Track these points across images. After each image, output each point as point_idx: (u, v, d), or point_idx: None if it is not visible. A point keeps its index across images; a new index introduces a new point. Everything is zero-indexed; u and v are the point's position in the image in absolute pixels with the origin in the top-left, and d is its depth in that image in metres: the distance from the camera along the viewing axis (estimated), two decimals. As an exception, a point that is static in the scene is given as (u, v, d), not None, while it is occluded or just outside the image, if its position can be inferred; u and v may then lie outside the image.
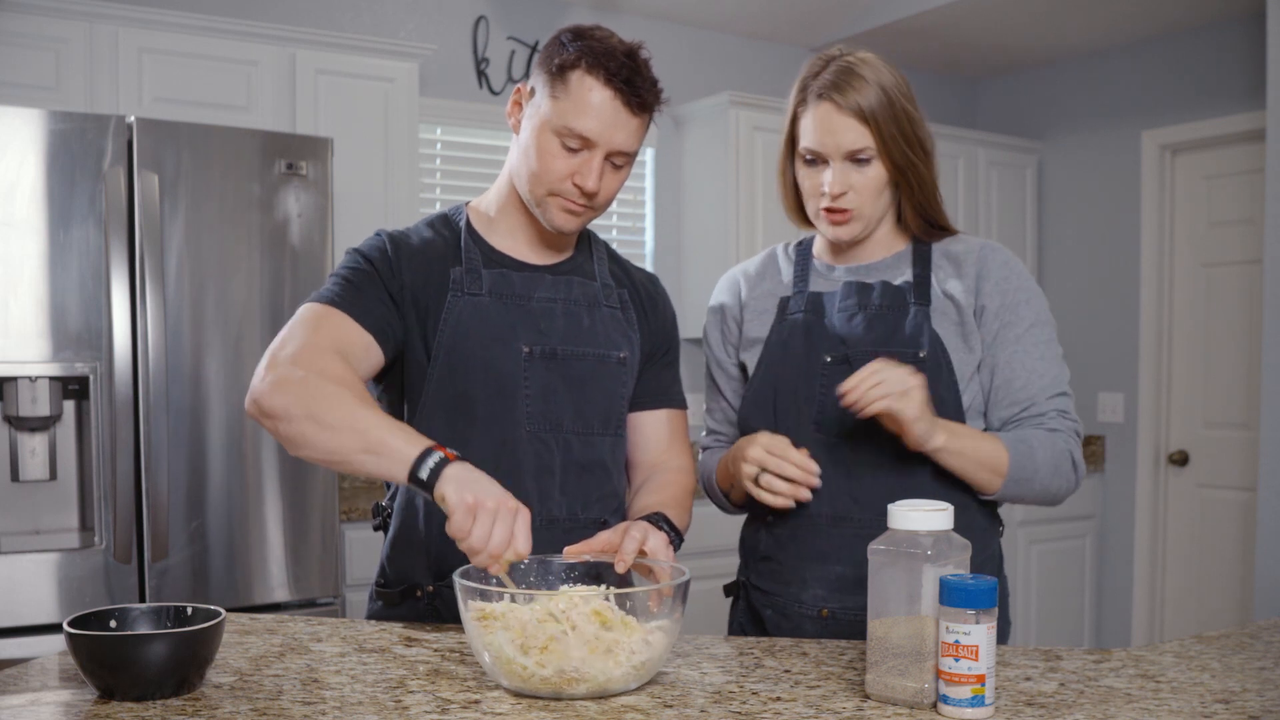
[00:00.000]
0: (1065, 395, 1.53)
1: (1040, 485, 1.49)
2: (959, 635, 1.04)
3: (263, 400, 1.32)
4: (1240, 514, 4.12)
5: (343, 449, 1.29)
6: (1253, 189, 4.06)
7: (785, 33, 4.43)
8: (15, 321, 2.39)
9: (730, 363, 1.69)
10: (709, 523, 2.30)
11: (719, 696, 1.13)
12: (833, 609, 1.51)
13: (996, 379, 1.52)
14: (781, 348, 1.58)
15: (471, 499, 1.21)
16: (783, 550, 1.56)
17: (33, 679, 1.19)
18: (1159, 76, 4.38)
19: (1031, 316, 1.52)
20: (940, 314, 1.52)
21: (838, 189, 1.49)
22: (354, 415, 1.29)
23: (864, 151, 1.48)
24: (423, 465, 1.24)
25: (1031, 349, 1.51)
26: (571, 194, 1.46)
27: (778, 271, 1.67)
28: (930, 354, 1.49)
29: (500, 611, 1.13)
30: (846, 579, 1.50)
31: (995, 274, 1.52)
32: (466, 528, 1.21)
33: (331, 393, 1.31)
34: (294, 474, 2.66)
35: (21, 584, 2.39)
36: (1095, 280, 4.62)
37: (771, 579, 1.58)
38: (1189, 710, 1.09)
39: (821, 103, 1.49)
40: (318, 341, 1.38)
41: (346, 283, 1.46)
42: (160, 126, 2.52)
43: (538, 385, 1.50)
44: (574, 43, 1.44)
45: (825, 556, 1.51)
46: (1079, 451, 1.52)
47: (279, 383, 1.32)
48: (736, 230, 4.01)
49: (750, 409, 1.61)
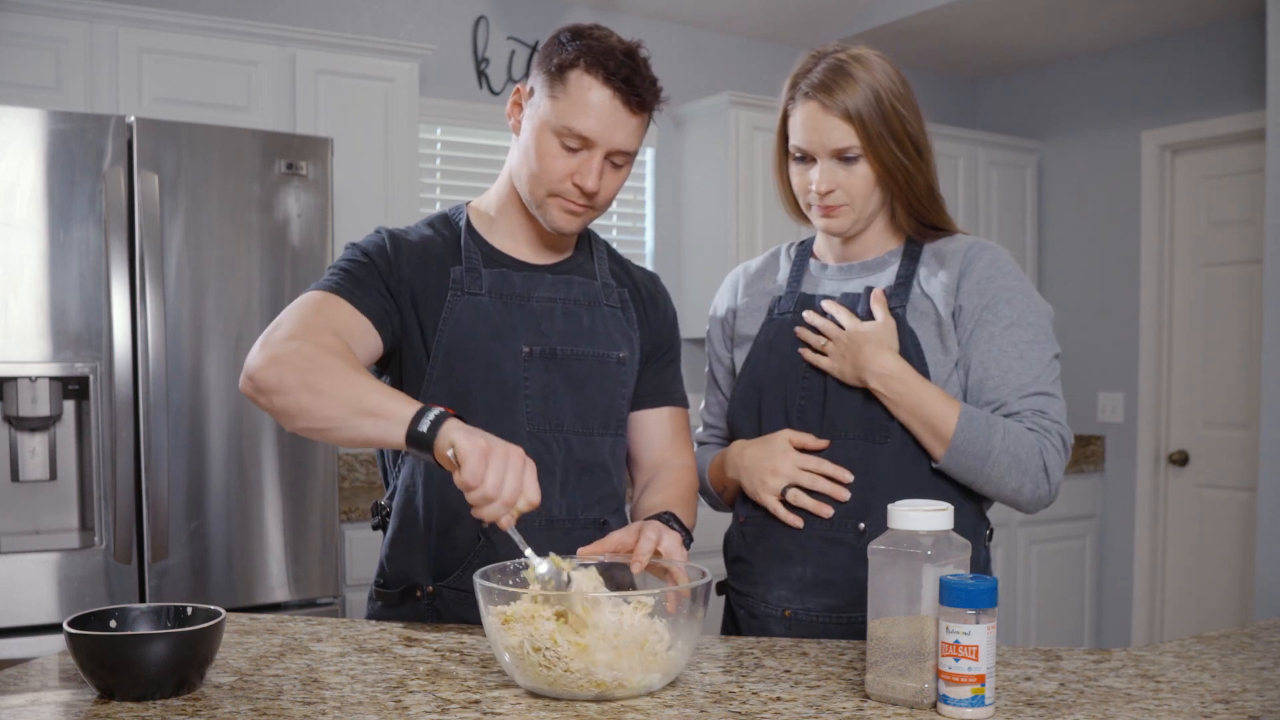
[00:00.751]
0: (1045, 395, 1.45)
1: (995, 472, 1.42)
2: (959, 635, 1.04)
3: (256, 375, 1.31)
4: (1240, 514, 4.12)
5: (338, 415, 1.27)
6: (1253, 189, 4.06)
7: (785, 33, 4.43)
8: (15, 321, 2.40)
9: (727, 357, 1.70)
10: (713, 522, 2.31)
11: (719, 696, 1.13)
12: (795, 610, 1.51)
13: (970, 379, 1.48)
14: (767, 347, 1.58)
15: (484, 443, 1.20)
16: (751, 551, 1.57)
17: (33, 679, 1.19)
18: (1159, 76, 4.38)
19: (1011, 316, 1.47)
20: (919, 314, 1.50)
21: (824, 187, 1.49)
22: (348, 381, 1.28)
23: (850, 150, 1.47)
24: (422, 419, 1.22)
25: (1008, 348, 1.46)
26: (571, 194, 1.46)
27: (776, 271, 1.68)
28: (901, 353, 1.47)
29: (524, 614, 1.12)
30: (808, 580, 1.50)
31: (977, 273, 1.49)
32: (480, 473, 1.18)
33: (326, 362, 1.30)
34: (294, 474, 2.66)
35: (21, 584, 2.39)
36: (1095, 280, 4.62)
37: (743, 579, 1.59)
38: (1189, 710, 1.09)
39: (808, 101, 1.49)
40: (314, 322, 1.38)
41: (345, 273, 1.47)
42: (160, 126, 2.52)
43: (537, 385, 1.50)
44: (573, 42, 1.44)
45: (789, 557, 1.51)
46: (1055, 458, 1.43)
47: (273, 358, 1.31)
48: (736, 230, 4.01)
49: (737, 409, 1.61)
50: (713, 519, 1.81)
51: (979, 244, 1.53)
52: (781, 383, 1.55)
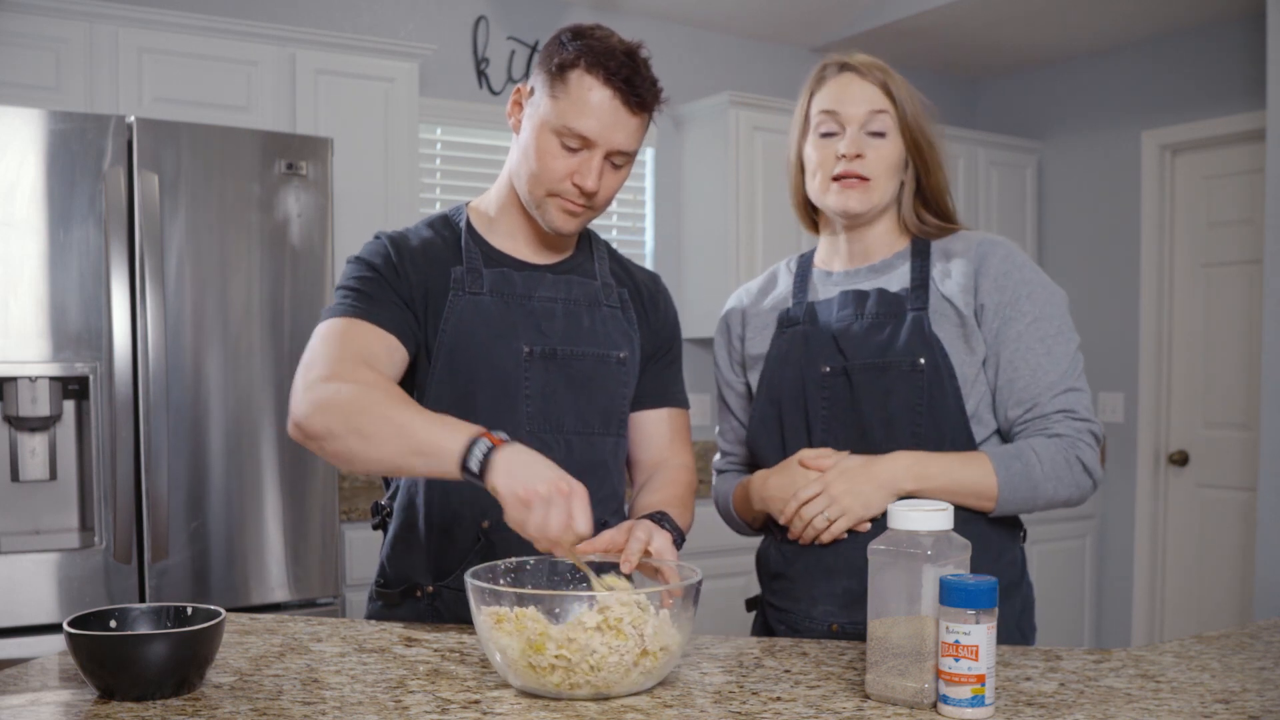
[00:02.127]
0: (1074, 391, 1.47)
1: (1045, 498, 1.45)
2: (959, 635, 1.04)
3: (305, 424, 1.33)
4: (1240, 514, 4.12)
5: (391, 457, 1.29)
6: (1253, 189, 4.06)
7: (785, 33, 4.43)
8: (15, 321, 2.39)
9: (738, 381, 1.68)
10: (714, 522, 2.31)
11: (719, 696, 1.13)
12: (842, 624, 1.49)
13: (1000, 378, 1.48)
14: (781, 362, 1.56)
15: (522, 490, 1.20)
16: (791, 567, 1.54)
17: (33, 679, 1.19)
18: (1159, 76, 4.38)
19: (1034, 311, 1.47)
20: (940, 316, 1.49)
21: (853, 150, 1.48)
22: (394, 420, 1.29)
23: (882, 119, 1.49)
24: (470, 458, 1.23)
25: (1035, 345, 1.46)
26: (571, 194, 1.46)
27: (778, 286, 1.66)
28: (930, 361, 1.46)
29: (513, 616, 1.12)
30: (853, 593, 1.47)
31: (994, 269, 1.48)
32: (521, 520, 1.21)
33: (369, 402, 1.31)
34: (294, 474, 2.66)
35: (21, 584, 2.39)
36: (1095, 280, 4.62)
37: (784, 596, 1.56)
38: (1189, 710, 1.08)
39: (843, 73, 1.52)
40: (344, 355, 1.39)
41: (357, 292, 1.46)
42: (160, 126, 2.52)
43: (538, 385, 1.50)
44: (573, 42, 1.44)
45: (832, 572, 1.49)
46: (1090, 454, 1.45)
47: (317, 404, 1.33)
48: (736, 230, 4.01)
49: (757, 427, 1.59)
50: (712, 522, 1.81)
51: (988, 239, 1.53)
52: (799, 394, 1.53)
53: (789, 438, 1.54)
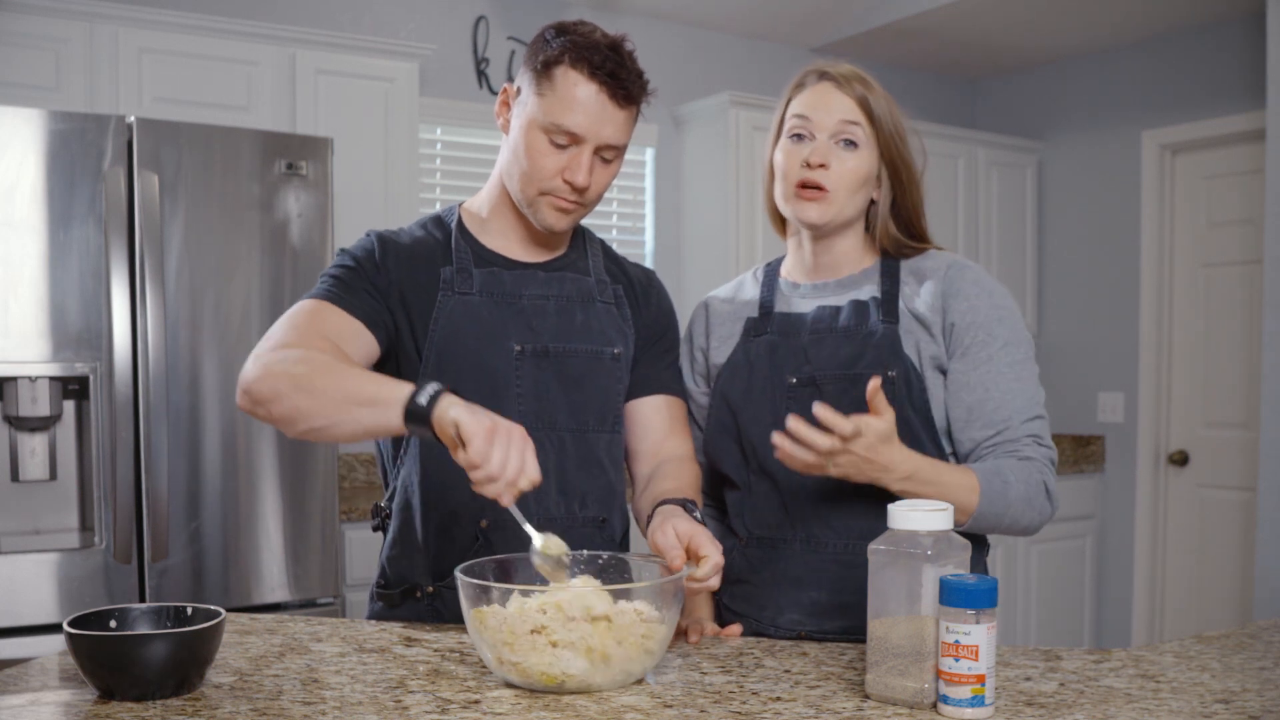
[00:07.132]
0: (1040, 419, 1.46)
1: (1010, 519, 1.42)
2: (959, 635, 1.04)
3: (251, 388, 1.32)
4: (1240, 514, 4.12)
5: (334, 410, 1.27)
6: (1253, 189, 4.06)
7: (785, 33, 4.43)
8: (15, 321, 2.40)
9: (699, 392, 1.65)
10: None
11: (719, 696, 1.13)
12: (810, 632, 1.47)
13: (969, 398, 1.46)
14: (745, 369, 1.54)
15: (489, 422, 1.19)
16: (756, 574, 1.52)
17: (33, 679, 1.19)
18: (1159, 76, 4.38)
19: (1005, 335, 1.46)
20: (908, 333, 1.48)
21: (817, 159, 1.47)
22: (340, 376, 1.29)
23: (854, 130, 1.47)
24: (419, 394, 1.22)
25: (1005, 370, 1.45)
26: (562, 191, 1.46)
27: (744, 295, 1.64)
28: (901, 374, 1.45)
29: (493, 613, 1.13)
30: (821, 604, 1.47)
31: (967, 291, 1.47)
32: (486, 452, 1.18)
33: (317, 363, 1.31)
34: (294, 474, 2.66)
35: (21, 584, 2.39)
36: (1095, 280, 4.62)
37: (744, 601, 1.53)
38: (1189, 710, 1.09)
39: (822, 81, 1.51)
40: (305, 328, 1.39)
41: (334, 279, 1.48)
42: (160, 126, 2.52)
43: (529, 383, 1.50)
44: (557, 39, 1.44)
45: (801, 582, 1.48)
46: (1053, 481, 1.45)
47: (265, 368, 1.32)
48: (736, 230, 4.01)
49: (713, 434, 1.57)
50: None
51: (959, 262, 1.52)
52: (765, 403, 1.50)
53: (754, 447, 1.51)
